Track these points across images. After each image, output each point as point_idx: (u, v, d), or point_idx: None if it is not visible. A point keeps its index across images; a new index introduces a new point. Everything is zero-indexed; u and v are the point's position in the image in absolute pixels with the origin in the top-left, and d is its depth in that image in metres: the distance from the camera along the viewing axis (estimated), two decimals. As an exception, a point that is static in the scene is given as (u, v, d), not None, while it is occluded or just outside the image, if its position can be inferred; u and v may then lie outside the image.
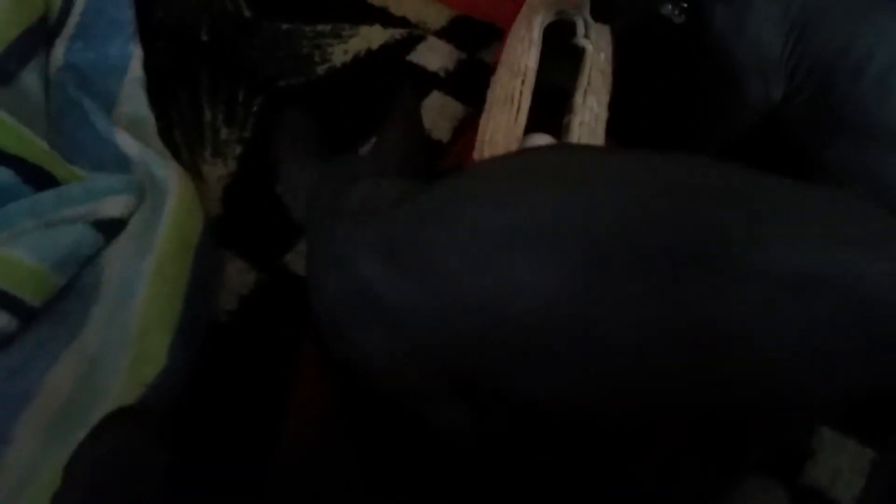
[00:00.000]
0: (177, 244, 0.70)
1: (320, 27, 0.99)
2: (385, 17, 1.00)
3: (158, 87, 0.87)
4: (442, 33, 0.99)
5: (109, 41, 0.88)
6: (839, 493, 0.65)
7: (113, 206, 0.71)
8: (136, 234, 0.70)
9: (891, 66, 0.66)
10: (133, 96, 0.85)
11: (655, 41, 0.91)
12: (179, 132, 0.87)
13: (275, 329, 0.72)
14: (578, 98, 0.78)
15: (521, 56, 0.80)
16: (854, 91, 0.67)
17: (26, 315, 0.64)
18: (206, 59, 0.94)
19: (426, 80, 0.94)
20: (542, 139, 0.79)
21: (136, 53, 0.88)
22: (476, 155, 0.76)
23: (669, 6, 0.83)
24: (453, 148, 0.88)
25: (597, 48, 0.82)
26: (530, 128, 0.77)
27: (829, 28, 0.67)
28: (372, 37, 0.98)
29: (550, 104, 0.81)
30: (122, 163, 0.77)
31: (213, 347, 0.69)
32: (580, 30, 0.82)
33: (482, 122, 0.79)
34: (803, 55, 0.69)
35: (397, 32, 0.99)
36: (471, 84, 0.90)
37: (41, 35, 0.85)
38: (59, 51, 0.85)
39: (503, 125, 0.76)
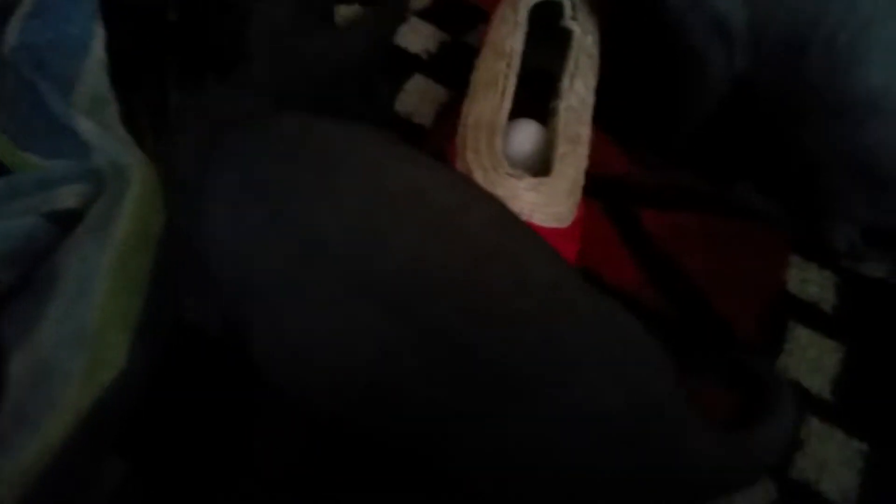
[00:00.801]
0: (139, 237, 0.65)
1: (296, 6, 0.94)
2: (364, -3, 0.96)
3: (121, 70, 0.82)
4: (424, 14, 0.95)
5: (70, 19, 0.82)
6: (825, 485, 0.64)
7: (68, 197, 0.67)
8: (95, 226, 0.66)
9: (861, 32, 0.63)
10: (94, 79, 0.79)
11: (632, 20, 0.88)
12: (144, 118, 0.82)
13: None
14: (565, 82, 0.75)
15: (507, 38, 0.76)
16: (825, 62, 0.65)
17: (-26, 314, 0.60)
18: (174, 40, 0.89)
19: (407, 63, 0.90)
20: (527, 124, 0.76)
21: (99, 33, 0.82)
22: (458, 140, 0.73)
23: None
24: (435, 133, 0.84)
25: (584, 31, 0.79)
26: (515, 112, 0.73)
27: None
28: (350, 16, 0.94)
29: (536, 88, 0.78)
30: (80, 150, 0.72)
31: (178, 348, 0.66)
32: (567, 11, 0.79)
33: (465, 106, 0.75)
34: (769, 24, 0.67)
35: (376, 12, 0.95)
36: (454, 67, 0.86)
37: (-6, 13, 0.80)
38: (13, 29, 0.79)
39: (487, 109, 0.72)
